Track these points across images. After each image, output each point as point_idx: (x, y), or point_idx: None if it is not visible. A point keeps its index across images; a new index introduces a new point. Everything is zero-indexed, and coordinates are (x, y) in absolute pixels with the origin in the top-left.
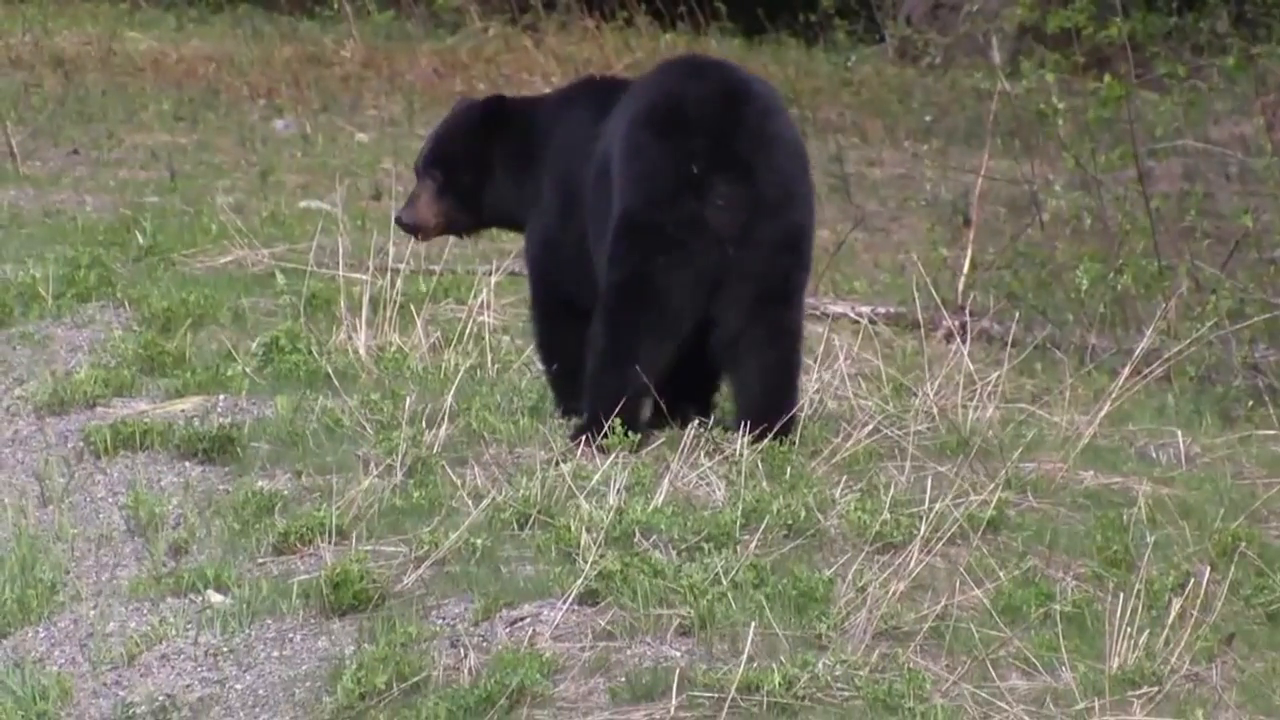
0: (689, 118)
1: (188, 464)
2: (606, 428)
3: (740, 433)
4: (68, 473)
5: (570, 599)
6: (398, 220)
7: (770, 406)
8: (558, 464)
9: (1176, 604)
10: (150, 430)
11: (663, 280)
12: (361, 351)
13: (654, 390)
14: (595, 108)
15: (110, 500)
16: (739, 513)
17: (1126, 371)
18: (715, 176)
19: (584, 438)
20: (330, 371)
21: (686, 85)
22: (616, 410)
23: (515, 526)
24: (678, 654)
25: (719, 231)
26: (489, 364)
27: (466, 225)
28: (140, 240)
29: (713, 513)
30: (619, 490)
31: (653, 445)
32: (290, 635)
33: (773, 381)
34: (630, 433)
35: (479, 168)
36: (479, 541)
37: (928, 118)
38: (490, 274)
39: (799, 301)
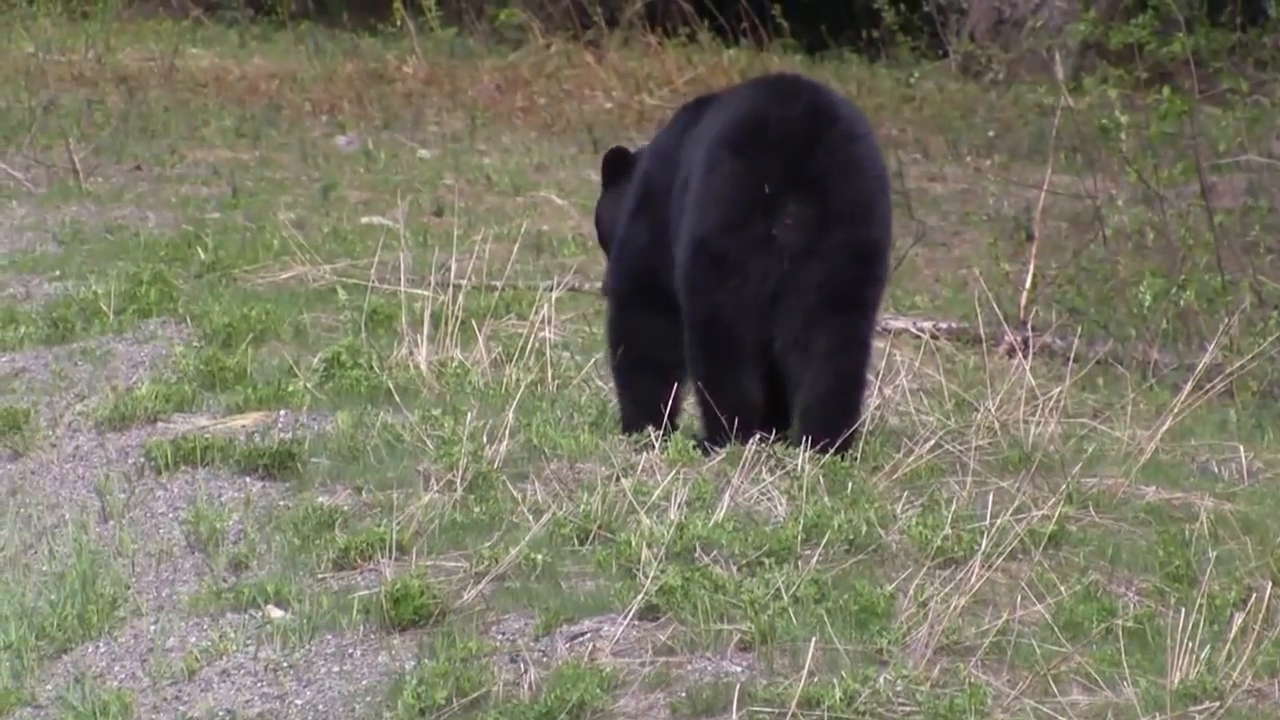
0: (769, 138)
1: (248, 479)
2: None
3: (801, 447)
4: (128, 488)
5: (631, 614)
6: None
7: (831, 421)
8: (618, 479)
9: (1239, 619)
10: (211, 446)
11: (731, 309)
12: (423, 367)
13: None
14: (685, 120)
15: (171, 516)
16: (800, 528)
17: (1189, 387)
18: (787, 197)
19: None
20: (391, 387)
21: (771, 105)
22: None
23: (576, 542)
24: (738, 669)
25: (782, 248)
26: (550, 379)
27: None
28: (202, 256)
29: (774, 528)
30: (680, 505)
31: (714, 461)
32: (350, 651)
33: (835, 394)
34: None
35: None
36: (539, 557)
37: (990, 133)
38: (551, 290)
39: (869, 316)
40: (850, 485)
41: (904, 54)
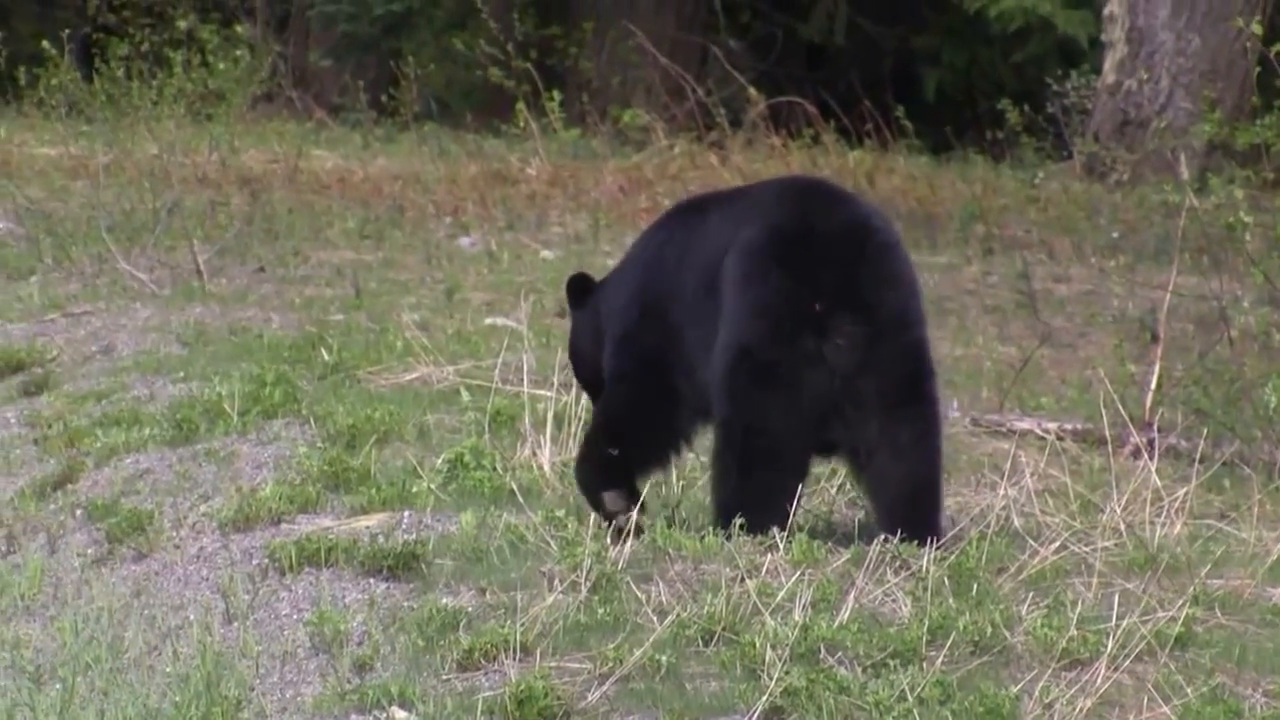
0: (815, 251)
1: (372, 580)
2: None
3: (928, 548)
4: (252, 589)
5: (755, 715)
6: None
7: (915, 518)
8: (743, 580)
9: None
10: (335, 546)
11: (775, 421)
12: (546, 468)
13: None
14: (688, 219)
15: (294, 617)
16: (925, 629)
17: None
18: (837, 316)
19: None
20: (515, 488)
21: (811, 214)
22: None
23: (700, 643)
24: None
25: (834, 368)
26: (673, 480)
27: None
28: (325, 357)
29: (898, 629)
30: (804, 606)
31: (838, 562)
32: None
33: (924, 489)
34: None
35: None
36: (663, 658)
37: (1115, 234)
38: None
39: (937, 408)
40: (975, 586)
41: (1028, 155)
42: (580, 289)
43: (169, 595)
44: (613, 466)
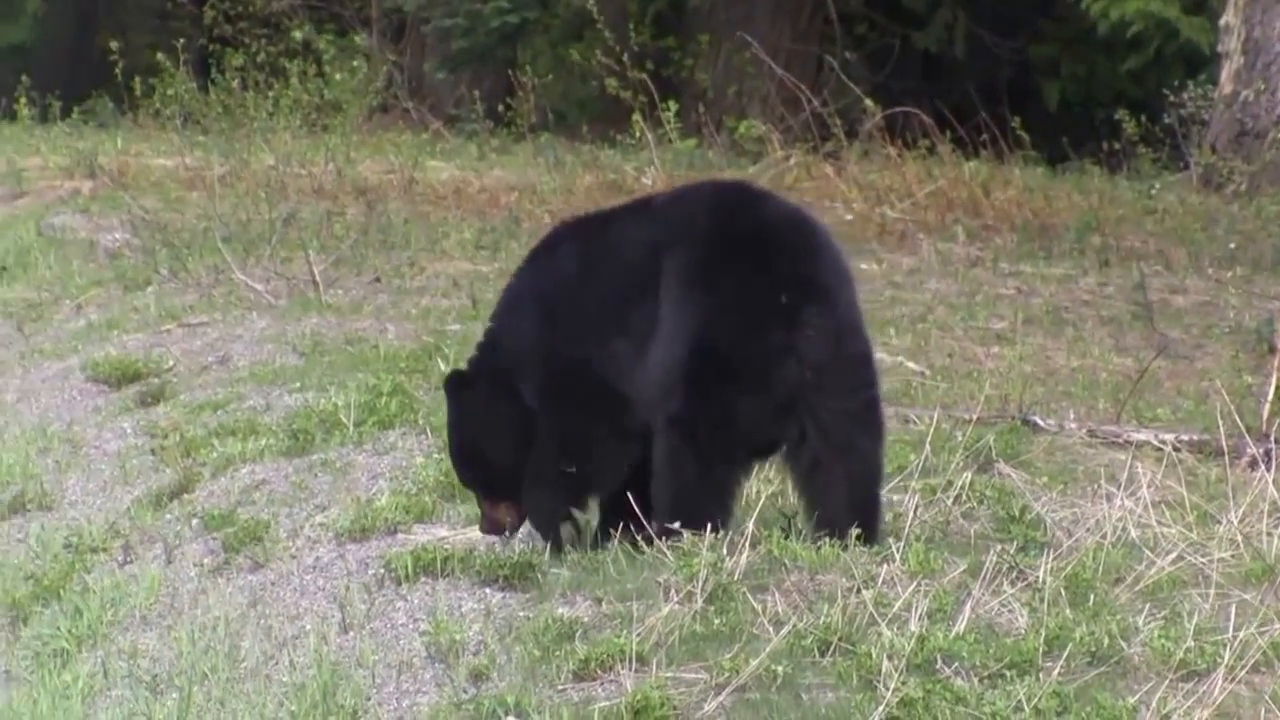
0: (767, 244)
1: (488, 590)
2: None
3: (1044, 559)
4: (368, 599)
5: None
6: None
7: (870, 516)
8: (859, 591)
9: None
10: (451, 557)
11: (745, 411)
12: None
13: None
14: (578, 238)
15: (411, 626)
16: (1041, 640)
17: None
18: (804, 307)
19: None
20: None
21: (750, 210)
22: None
23: (816, 653)
24: None
25: (805, 359)
26: (790, 490)
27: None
28: (442, 367)
29: (1015, 640)
30: (920, 617)
31: (954, 572)
32: None
33: (856, 497)
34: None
35: (494, 436)
36: (779, 668)
37: (1232, 245)
38: None
39: (881, 419)
40: (1092, 597)
41: (1145, 166)
42: (460, 382)
43: (285, 605)
44: (570, 487)
